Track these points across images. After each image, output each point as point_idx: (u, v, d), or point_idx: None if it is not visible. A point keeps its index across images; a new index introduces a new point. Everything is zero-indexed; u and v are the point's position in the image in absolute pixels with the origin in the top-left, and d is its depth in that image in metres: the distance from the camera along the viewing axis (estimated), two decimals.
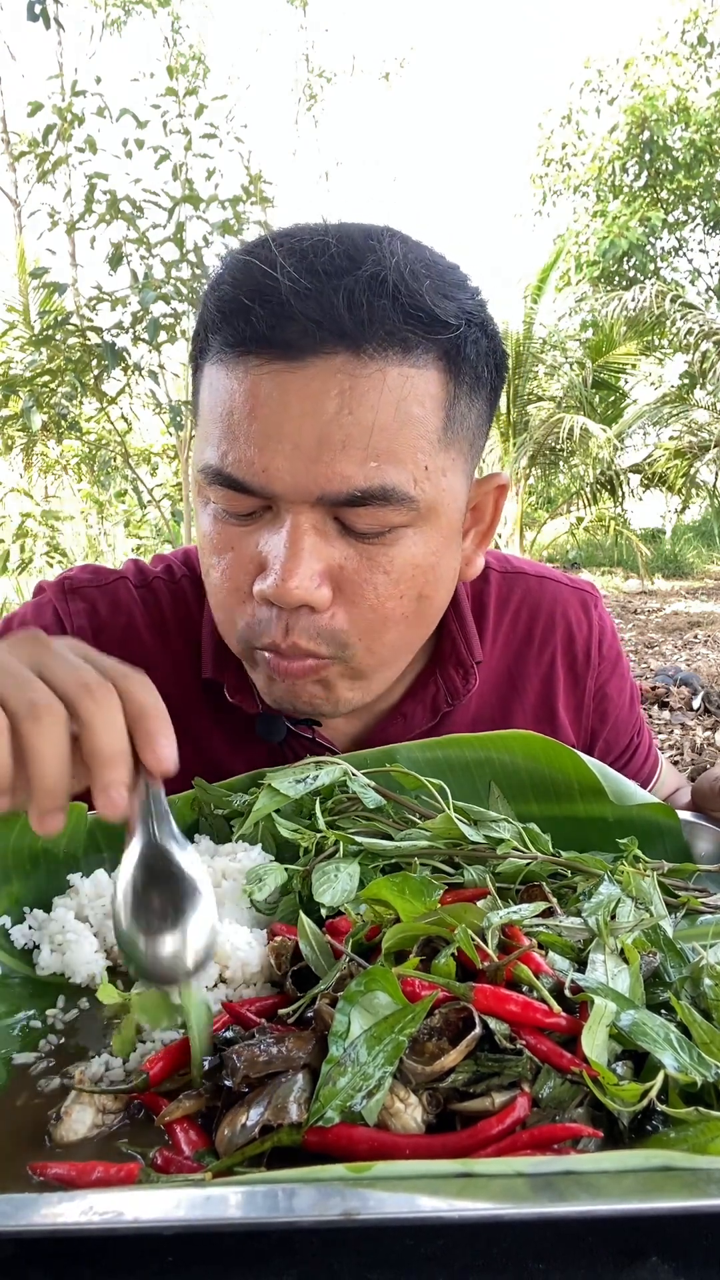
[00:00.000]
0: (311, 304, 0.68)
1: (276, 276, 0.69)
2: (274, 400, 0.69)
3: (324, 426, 0.69)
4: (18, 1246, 0.42)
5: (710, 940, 0.64)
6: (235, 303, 0.71)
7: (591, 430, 10.70)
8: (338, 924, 0.63)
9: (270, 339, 0.69)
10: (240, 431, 0.71)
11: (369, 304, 0.69)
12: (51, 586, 0.99)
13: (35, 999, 0.63)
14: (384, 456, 0.71)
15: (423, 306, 0.71)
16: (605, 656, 1.06)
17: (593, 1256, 0.42)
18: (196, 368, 0.79)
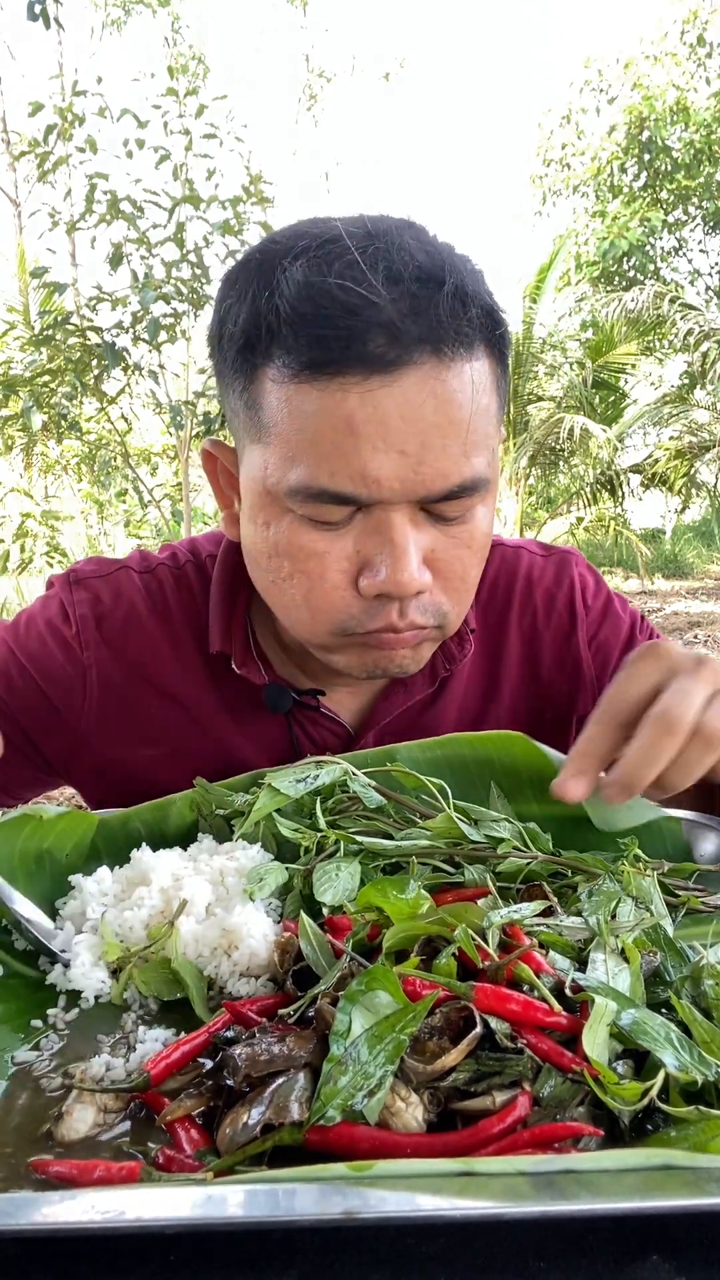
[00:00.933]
0: (401, 318, 0.71)
1: (367, 297, 0.71)
2: (372, 414, 0.72)
3: (424, 432, 0.73)
4: (19, 1246, 0.42)
5: (710, 940, 0.64)
6: (321, 324, 0.71)
7: (591, 430, 10.69)
8: (338, 923, 0.63)
9: (363, 356, 0.71)
10: (343, 448, 0.73)
11: (448, 310, 0.72)
12: (59, 579, 1.03)
13: (36, 999, 0.63)
14: (472, 449, 0.76)
15: (485, 305, 0.76)
16: (591, 608, 1.08)
17: (593, 1255, 0.42)
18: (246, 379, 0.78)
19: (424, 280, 0.73)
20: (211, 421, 5.79)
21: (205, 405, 5.94)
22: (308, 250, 0.75)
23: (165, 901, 0.68)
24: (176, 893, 0.68)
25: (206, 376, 5.99)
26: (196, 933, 0.65)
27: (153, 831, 0.82)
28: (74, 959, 0.64)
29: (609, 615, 1.10)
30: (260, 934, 0.64)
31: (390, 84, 19.73)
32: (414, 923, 0.58)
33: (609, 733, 0.70)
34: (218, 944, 0.64)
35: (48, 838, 0.77)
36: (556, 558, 1.10)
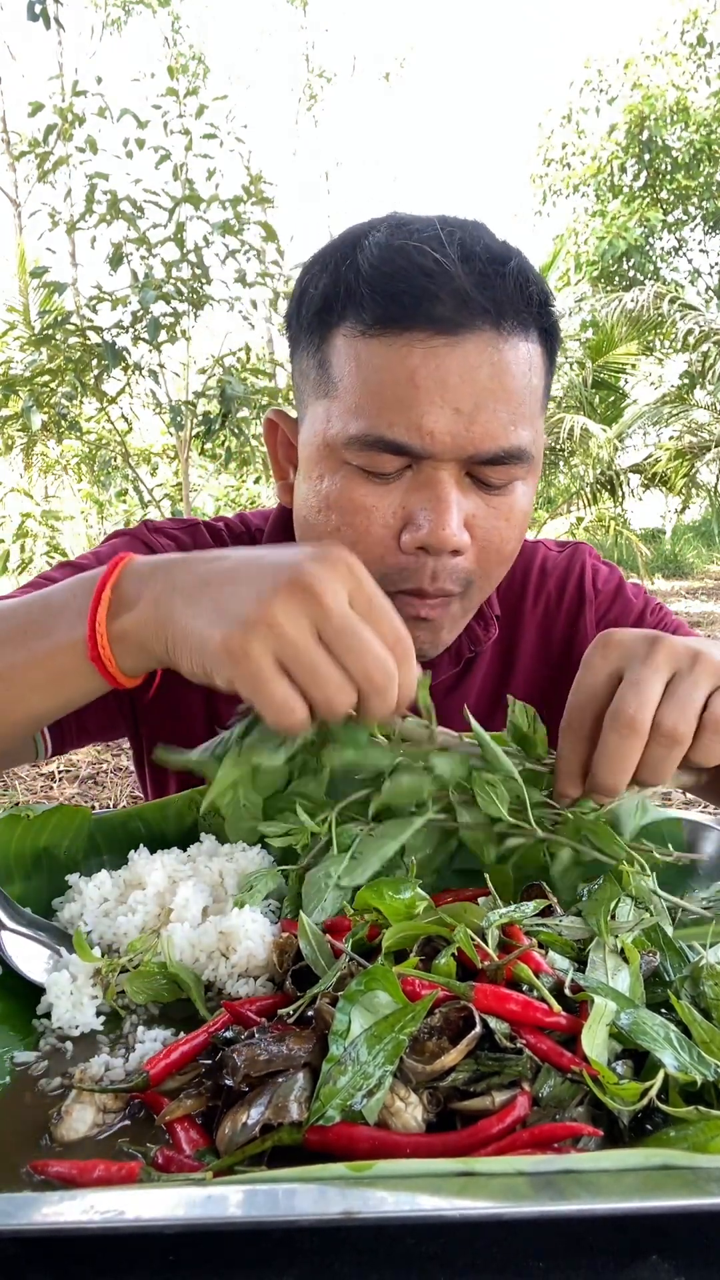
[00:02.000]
0: (473, 288, 0.78)
1: (439, 260, 0.78)
2: (434, 371, 0.78)
3: (479, 394, 0.79)
4: (18, 1246, 0.42)
5: (710, 940, 0.64)
6: (397, 283, 0.79)
7: (591, 430, 10.69)
8: (337, 923, 0.63)
9: (431, 316, 0.78)
10: (404, 400, 0.79)
11: (511, 289, 0.80)
12: (135, 529, 1.07)
13: (36, 999, 0.63)
14: (519, 420, 0.82)
15: (541, 292, 0.84)
16: (601, 591, 1.13)
17: (593, 1255, 0.42)
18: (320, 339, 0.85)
19: (493, 259, 0.81)
20: (211, 422, 5.79)
21: (205, 405, 5.94)
22: (388, 225, 0.84)
23: (160, 906, 0.68)
24: (172, 897, 0.68)
25: (206, 377, 5.99)
26: (191, 938, 0.65)
27: (153, 831, 0.82)
28: (54, 1005, 0.61)
29: (619, 598, 1.14)
30: (258, 935, 0.64)
31: (390, 84, 19.72)
32: (413, 923, 0.58)
33: (577, 744, 0.70)
34: (214, 947, 0.64)
35: (42, 835, 0.77)
36: (569, 550, 1.17)
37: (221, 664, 0.61)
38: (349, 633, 0.60)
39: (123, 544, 1.04)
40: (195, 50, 13.08)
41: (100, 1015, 0.61)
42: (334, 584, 0.61)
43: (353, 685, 0.61)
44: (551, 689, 1.11)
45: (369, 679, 0.61)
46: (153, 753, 0.76)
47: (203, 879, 0.70)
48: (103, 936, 0.68)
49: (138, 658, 0.69)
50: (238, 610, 0.61)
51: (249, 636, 0.59)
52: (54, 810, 0.78)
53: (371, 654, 0.61)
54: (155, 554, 1.01)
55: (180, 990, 0.62)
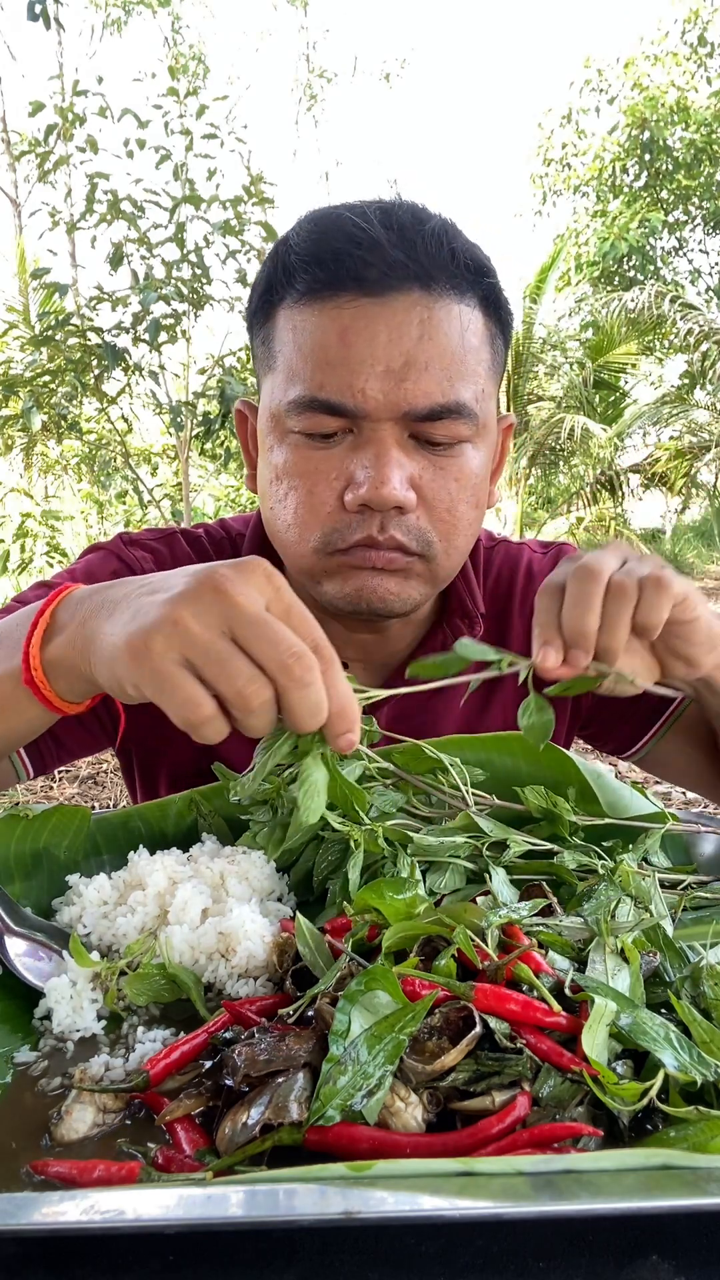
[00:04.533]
0: (394, 249, 0.81)
1: (363, 226, 0.82)
2: (363, 331, 0.81)
3: (408, 351, 0.81)
4: (18, 1245, 0.42)
5: (710, 940, 0.64)
6: (323, 249, 0.83)
7: (591, 430, 10.69)
8: (337, 923, 0.63)
9: (358, 278, 0.81)
10: (335, 360, 0.81)
11: (437, 251, 0.82)
12: (110, 542, 1.07)
13: (36, 999, 0.63)
14: (456, 377, 0.83)
15: (474, 256, 0.86)
16: None
17: (593, 1255, 0.42)
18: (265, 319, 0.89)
19: (415, 220, 0.84)
20: (211, 422, 5.78)
21: (205, 405, 5.93)
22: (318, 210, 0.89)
23: (160, 908, 0.68)
24: (171, 899, 0.68)
25: (206, 377, 5.98)
26: (191, 939, 0.65)
27: (153, 831, 0.82)
28: (54, 1009, 0.61)
29: None
30: (257, 935, 0.64)
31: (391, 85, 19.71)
32: (412, 923, 0.58)
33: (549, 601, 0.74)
34: (214, 948, 0.64)
35: (41, 835, 0.77)
36: (554, 550, 1.18)
37: (126, 667, 0.58)
38: (261, 624, 0.57)
39: (97, 559, 1.04)
40: (195, 50, 13.08)
41: (101, 1020, 0.61)
42: (246, 586, 0.59)
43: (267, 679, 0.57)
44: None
45: (285, 670, 0.56)
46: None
47: (204, 880, 0.70)
48: (101, 938, 0.68)
49: (70, 681, 0.67)
50: (145, 614, 0.59)
51: (152, 634, 0.57)
52: (54, 810, 0.78)
53: (285, 643, 0.57)
54: (129, 567, 1.02)
55: (180, 991, 0.62)
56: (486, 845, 0.72)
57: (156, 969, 0.62)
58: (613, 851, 0.75)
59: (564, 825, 0.76)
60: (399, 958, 0.56)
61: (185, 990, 0.61)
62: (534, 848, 0.73)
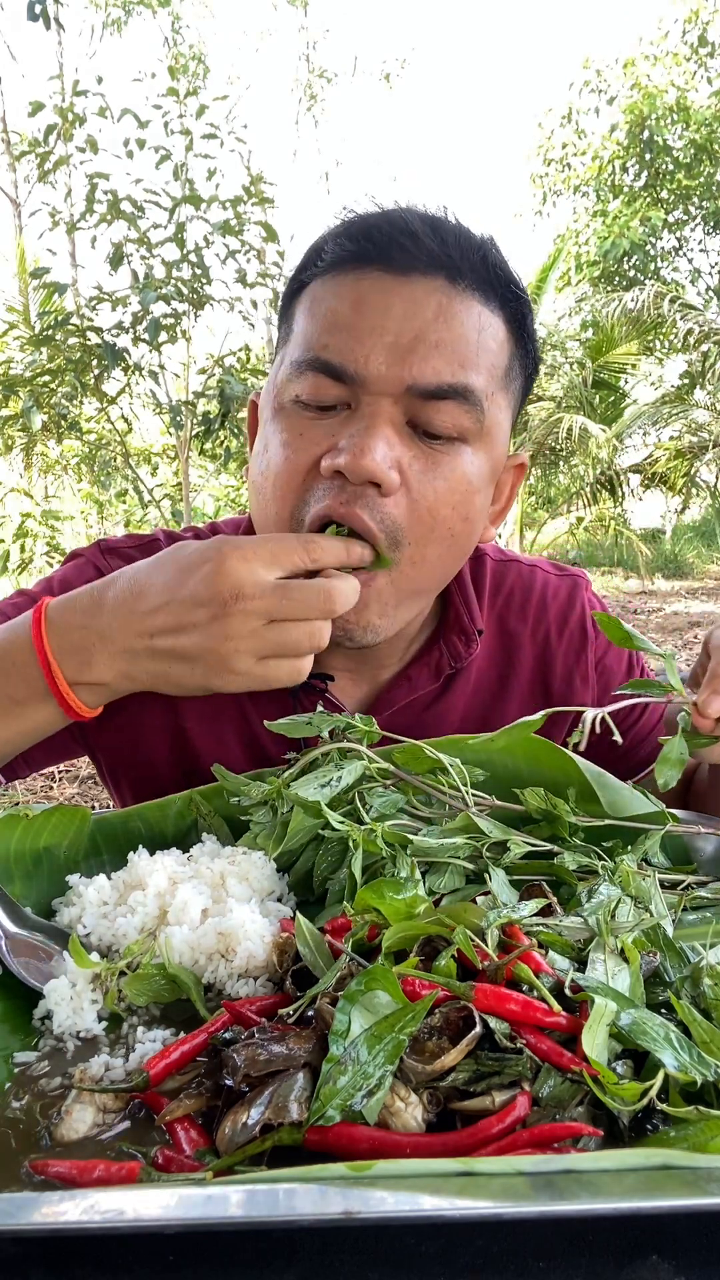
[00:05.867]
0: (425, 236, 0.81)
1: (403, 216, 0.82)
2: (378, 301, 0.80)
3: (421, 328, 0.80)
4: (18, 1245, 0.42)
5: (710, 940, 0.64)
6: (355, 227, 0.84)
7: (591, 430, 10.69)
8: (337, 923, 0.63)
9: (385, 256, 0.80)
10: (343, 325, 0.81)
11: (469, 251, 0.82)
12: (88, 550, 1.07)
13: (36, 999, 0.63)
14: (468, 364, 0.81)
15: (505, 270, 0.86)
16: (600, 632, 1.12)
17: (593, 1255, 0.42)
18: (290, 303, 0.89)
19: (456, 228, 0.84)
20: (211, 422, 5.78)
21: (205, 405, 5.93)
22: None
23: (160, 908, 0.68)
24: (171, 899, 0.68)
25: (206, 377, 5.98)
26: (190, 939, 0.64)
27: (153, 831, 0.82)
28: (54, 1011, 0.61)
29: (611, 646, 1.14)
30: (257, 935, 0.64)
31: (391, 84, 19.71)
32: (412, 923, 0.58)
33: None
34: (214, 949, 0.64)
35: (41, 836, 0.77)
36: (570, 580, 1.15)
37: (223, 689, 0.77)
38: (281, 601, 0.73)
39: (74, 569, 1.03)
40: (195, 50, 13.08)
41: (101, 1020, 0.61)
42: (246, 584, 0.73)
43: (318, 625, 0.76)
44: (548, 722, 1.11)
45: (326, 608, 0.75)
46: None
47: (204, 880, 0.70)
48: (101, 938, 0.68)
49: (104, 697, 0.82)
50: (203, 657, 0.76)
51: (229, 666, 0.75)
52: (54, 810, 0.78)
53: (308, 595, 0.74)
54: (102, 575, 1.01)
55: (180, 991, 0.62)
56: (486, 846, 0.72)
57: (156, 969, 0.62)
58: (613, 851, 0.75)
59: (564, 826, 0.76)
60: (399, 958, 0.56)
61: (185, 990, 0.61)
62: (534, 848, 0.73)
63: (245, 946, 0.63)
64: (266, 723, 0.80)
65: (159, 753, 1.00)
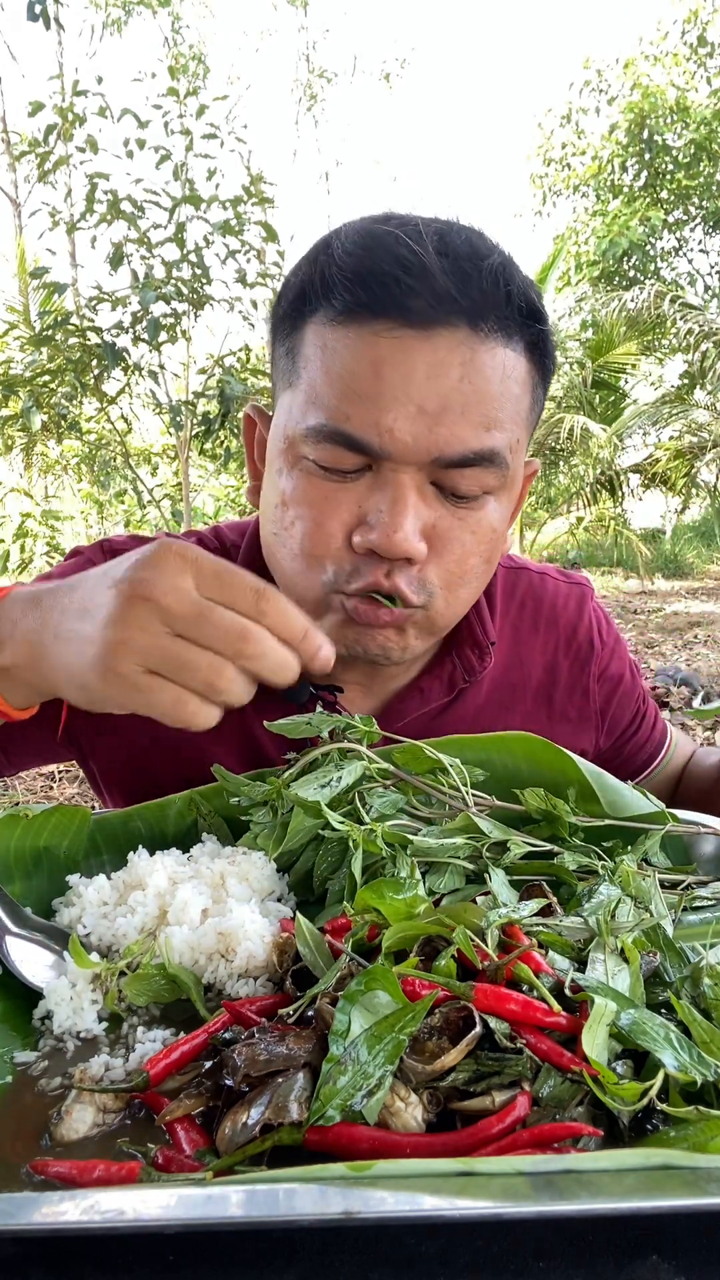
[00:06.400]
0: (446, 280, 0.74)
1: (415, 250, 0.74)
2: (400, 365, 0.74)
3: (447, 393, 0.75)
4: (18, 1245, 0.42)
5: (710, 940, 0.64)
6: (368, 267, 0.75)
7: (591, 430, 10.69)
8: (337, 923, 0.63)
9: (402, 306, 0.74)
10: (365, 393, 0.75)
11: (492, 289, 0.76)
12: (90, 548, 1.04)
13: (36, 999, 0.63)
14: (492, 424, 0.77)
15: (528, 299, 0.79)
16: (605, 643, 1.12)
17: (593, 1255, 0.42)
18: (292, 329, 0.82)
19: (472, 255, 0.76)
20: (211, 422, 5.79)
21: (205, 405, 5.94)
22: (373, 217, 0.82)
23: (160, 908, 0.68)
24: (171, 899, 0.68)
25: (206, 377, 5.98)
26: (190, 939, 0.64)
27: (153, 831, 0.82)
28: (55, 1011, 0.61)
29: (616, 654, 1.14)
30: (257, 935, 0.64)
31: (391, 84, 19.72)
32: (412, 923, 0.58)
33: None
34: (213, 949, 0.64)
35: (41, 835, 0.77)
36: (579, 590, 1.14)
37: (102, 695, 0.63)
38: (197, 616, 0.61)
39: (72, 567, 1.01)
40: (195, 50, 13.08)
41: (101, 1021, 0.61)
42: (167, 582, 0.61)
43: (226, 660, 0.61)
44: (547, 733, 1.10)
45: (239, 652, 0.61)
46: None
47: (204, 880, 0.70)
48: (101, 939, 0.68)
49: (23, 693, 0.73)
50: (94, 640, 0.63)
51: (112, 661, 0.61)
52: (54, 810, 0.78)
53: (227, 626, 0.61)
54: None
55: (180, 991, 0.62)
56: (486, 846, 0.72)
57: (156, 969, 0.62)
58: (613, 852, 0.75)
59: (564, 826, 0.76)
60: (399, 958, 0.56)
61: (185, 990, 0.61)
62: (534, 848, 0.73)
63: (245, 946, 0.63)
64: (266, 723, 0.79)
65: (153, 759, 0.99)
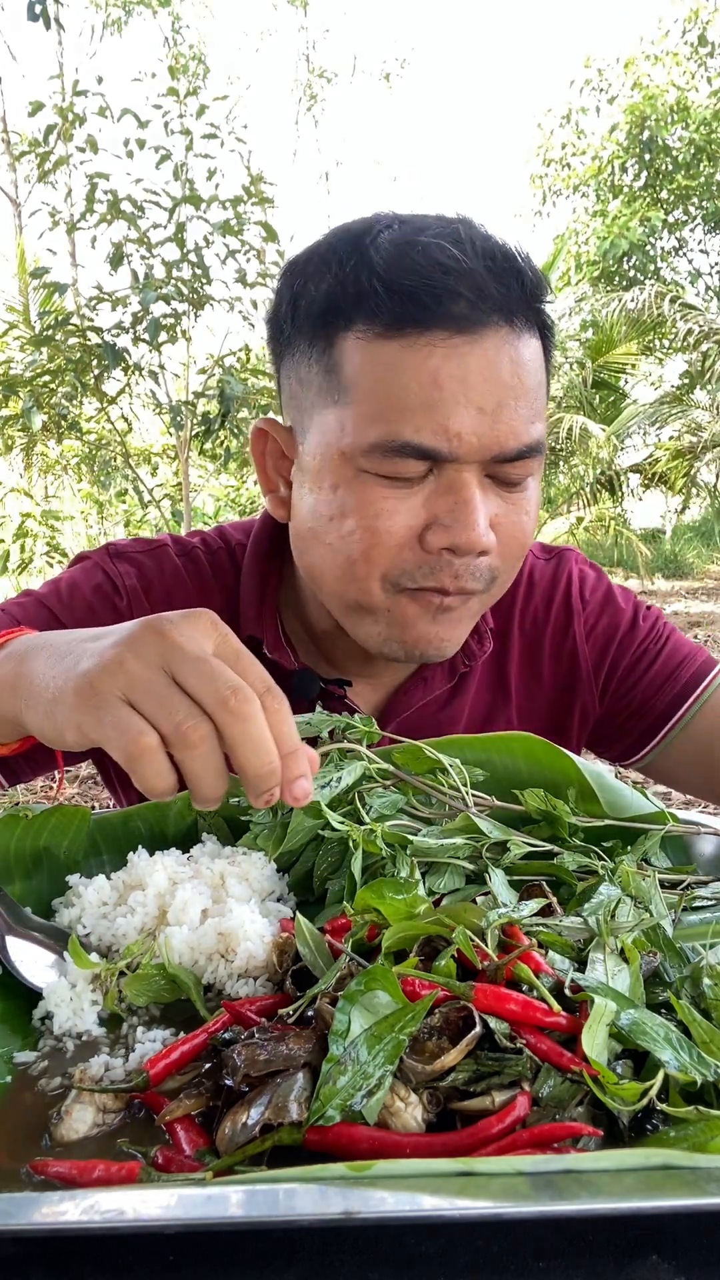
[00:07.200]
0: (487, 280, 0.77)
1: (456, 255, 0.77)
2: (456, 371, 0.77)
3: (500, 391, 0.78)
4: (18, 1245, 0.42)
5: (710, 940, 0.64)
6: (415, 282, 0.77)
7: (591, 430, 10.69)
8: (337, 923, 0.63)
9: (450, 314, 0.76)
10: (429, 403, 0.77)
11: (516, 280, 0.79)
12: (96, 553, 1.04)
13: (36, 999, 0.63)
14: (535, 414, 0.82)
15: (540, 286, 0.83)
16: (589, 600, 1.11)
17: (593, 1255, 0.42)
18: (326, 344, 0.82)
19: (504, 256, 0.80)
20: (211, 422, 5.79)
21: (205, 405, 5.94)
22: (394, 225, 0.82)
23: (160, 908, 0.68)
24: (171, 899, 0.68)
25: (206, 377, 5.98)
26: (190, 940, 0.64)
27: (153, 831, 0.82)
28: (55, 1012, 0.61)
29: (608, 607, 1.10)
30: (257, 935, 0.64)
31: (391, 84, 19.72)
32: (412, 923, 0.58)
33: None
34: (213, 949, 0.64)
35: (41, 836, 0.77)
36: (555, 558, 1.13)
37: (72, 707, 0.58)
38: (198, 661, 0.56)
39: (81, 573, 1.02)
40: (195, 50, 13.08)
41: (101, 1023, 0.61)
42: (191, 630, 0.58)
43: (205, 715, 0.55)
44: (541, 706, 1.09)
45: (222, 703, 0.55)
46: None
47: (204, 880, 0.70)
48: (101, 939, 0.68)
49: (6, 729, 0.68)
50: (90, 658, 0.59)
51: (96, 674, 0.57)
52: (54, 810, 0.78)
53: (223, 678, 0.56)
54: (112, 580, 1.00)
55: (180, 991, 0.62)
56: (486, 846, 0.72)
57: (156, 969, 0.62)
58: (613, 852, 0.75)
59: (563, 826, 0.76)
60: (399, 958, 0.56)
61: (185, 990, 0.61)
62: (534, 848, 0.73)
63: (245, 947, 0.63)
64: None
65: None
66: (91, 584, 1.00)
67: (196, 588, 1.02)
